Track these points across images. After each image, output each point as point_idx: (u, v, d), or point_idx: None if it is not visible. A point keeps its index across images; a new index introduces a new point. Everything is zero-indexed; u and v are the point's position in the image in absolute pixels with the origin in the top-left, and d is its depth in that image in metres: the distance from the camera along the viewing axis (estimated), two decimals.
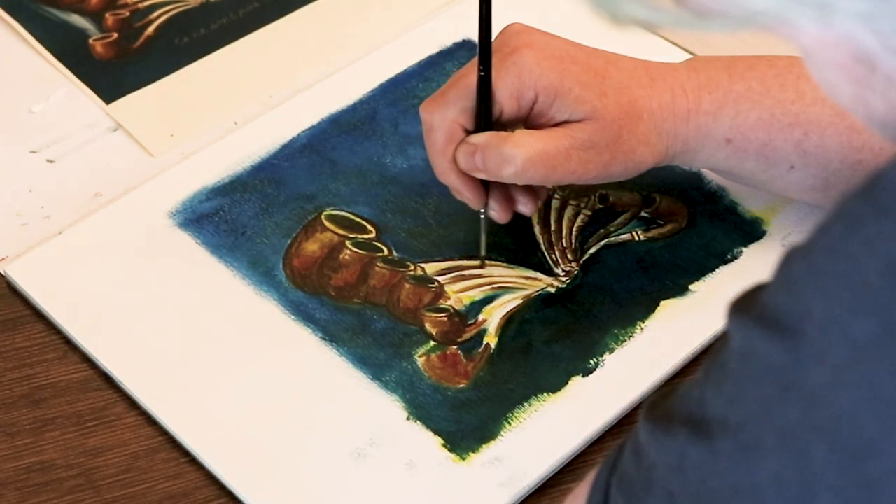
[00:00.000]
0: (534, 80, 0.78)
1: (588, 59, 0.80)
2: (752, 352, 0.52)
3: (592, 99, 0.78)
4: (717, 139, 0.80)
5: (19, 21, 1.00)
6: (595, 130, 0.78)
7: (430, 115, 0.79)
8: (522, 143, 0.78)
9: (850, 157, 0.79)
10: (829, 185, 0.81)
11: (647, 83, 0.80)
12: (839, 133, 0.79)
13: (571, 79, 0.78)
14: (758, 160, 0.81)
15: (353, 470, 0.75)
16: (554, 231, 0.86)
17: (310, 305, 0.82)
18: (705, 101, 0.80)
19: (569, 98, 0.78)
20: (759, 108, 0.80)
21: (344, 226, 0.86)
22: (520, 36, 0.80)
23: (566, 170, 0.78)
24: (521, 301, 0.82)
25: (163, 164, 0.91)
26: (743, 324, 0.52)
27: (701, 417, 0.54)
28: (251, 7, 1.02)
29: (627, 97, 0.79)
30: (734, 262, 0.84)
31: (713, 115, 0.80)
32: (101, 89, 0.96)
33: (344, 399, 0.78)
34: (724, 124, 0.80)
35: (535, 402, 0.78)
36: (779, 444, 0.51)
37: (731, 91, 0.80)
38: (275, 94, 0.95)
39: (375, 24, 1.00)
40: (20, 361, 0.81)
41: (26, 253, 0.85)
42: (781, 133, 0.80)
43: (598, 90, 0.78)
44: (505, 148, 0.77)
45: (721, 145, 0.80)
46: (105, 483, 0.76)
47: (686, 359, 0.80)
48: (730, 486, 0.52)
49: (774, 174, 0.81)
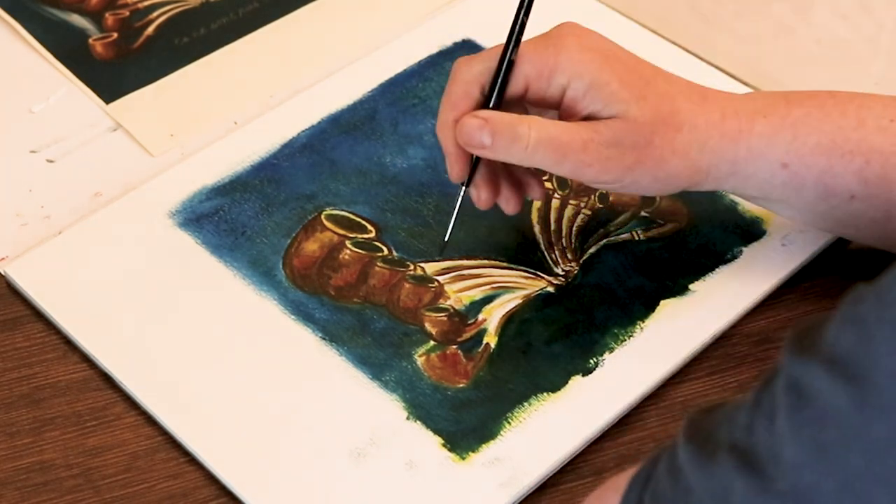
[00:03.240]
0: (571, 65, 0.76)
1: (637, 64, 0.78)
2: (815, 393, 0.51)
3: (628, 99, 0.76)
4: (773, 163, 0.78)
5: (19, 21, 1.00)
6: (623, 130, 0.76)
7: (459, 64, 0.78)
8: (537, 124, 0.75)
9: None
10: (891, 218, 0.78)
11: (696, 100, 0.78)
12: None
13: (611, 74, 0.76)
14: (816, 188, 0.78)
15: (353, 470, 0.75)
16: (554, 231, 0.86)
17: (310, 305, 0.82)
18: (759, 123, 0.78)
19: (604, 91, 0.76)
20: (819, 133, 0.77)
21: (344, 226, 0.87)
22: (572, 28, 0.78)
23: (579, 160, 0.76)
24: (520, 301, 0.82)
25: (163, 164, 0.91)
26: (805, 362, 0.51)
27: (750, 449, 0.53)
28: (251, 7, 1.02)
29: (670, 107, 0.77)
30: (734, 261, 0.84)
31: (768, 138, 0.77)
32: (101, 89, 0.96)
33: (344, 399, 0.78)
34: (780, 148, 0.77)
35: (534, 401, 0.78)
36: (839, 490, 0.50)
37: (788, 115, 0.78)
38: (275, 94, 0.96)
39: (375, 24, 1.00)
40: (20, 361, 0.81)
41: (26, 253, 0.86)
42: (842, 160, 0.77)
43: (638, 92, 0.76)
44: (518, 126, 0.75)
45: (777, 171, 0.78)
46: (105, 483, 0.76)
47: (686, 359, 0.80)
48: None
49: (834, 203, 0.78)
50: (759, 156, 0.78)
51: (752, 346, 0.81)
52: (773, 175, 0.78)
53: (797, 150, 0.77)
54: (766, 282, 0.83)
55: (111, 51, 0.99)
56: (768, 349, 0.81)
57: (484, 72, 0.77)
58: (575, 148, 0.75)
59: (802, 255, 0.85)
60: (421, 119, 0.93)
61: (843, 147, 0.77)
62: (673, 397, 0.79)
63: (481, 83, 0.78)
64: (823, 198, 0.78)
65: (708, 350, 0.81)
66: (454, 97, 0.78)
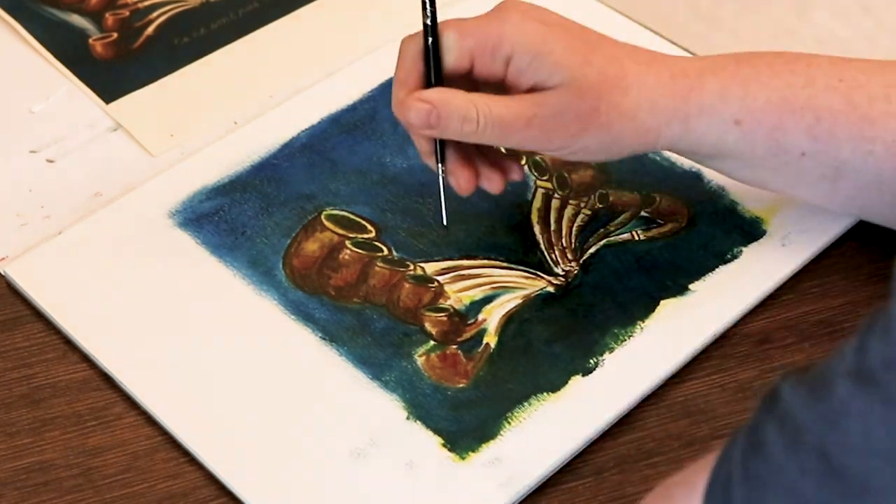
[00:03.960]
0: (514, 36, 0.76)
1: (580, 31, 0.78)
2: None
3: (573, 65, 0.76)
4: (726, 120, 0.78)
5: (19, 21, 1.00)
6: (567, 100, 0.76)
7: (404, 41, 0.79)
8: (483, 106, 0.76)
9: (862, 147, 0.78)
10: (840, 175, 0.79)
11: (644, 60, 0.79)
12: (851, 123, 0.78)
13: (554, 42, 0.76)
14: (768, 144, 0.79)
15: (353, 470, 0.75)
16: (554, 231, 0.86)
17: (309, 305, 0.82)
18: (710, 81, 0.78)
19: (548, 60, 0.76)
20: (769, 89, 0.78)
21: (344, 225, 0.86)
22: (516, 3, 0.78)
23: (525, 136, 0.77)
24: (520, 301, 0.82)
25: (163, 164, 0.91)
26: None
27: (865, 367, 0.52)
28: (251, 7, 1.02)
29: (617, 69, 0.77)
30: (734, 261, 0.84)
31: (719, 95, 0.78)
32: (101, 89, 0.96)
33: (344, 399, 0.78)
34: (732, 105, 0.78)
35: (534, 401, 0.78)
36: None
37: (738, 73, 0.79)
38: (275, 94, 0.96)
39: (375, 24, 1.00)
40: (20, 361, 0.81)
41: (26, 253, 0.86)
42: (793, 117, 0.78)
43: (582, 58, 0.77)
44: (467, 109, 0.76)
45: (730, 127, 0.79)
46: (105, 483, 0.76)
47: (686, 358, 0.80)
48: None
49: (786, 160, 0.79)
50: (713, 112, 0.78)
51: (752, 346, 0.81)
52: (726, 131, 0.79)
53: (748, 106, 0.78)
54: (766, 282, 0.83)
55: (111, 51, 0.99)
56: (768, 349, 0.81)
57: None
58: (519, 126, 0.76)
59: (802, 255, 0.85)
60: None
61: (793, 104, 0.78)
62: (673, 397, 0.79)
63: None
64: (774, 154, 0.79)
65: (708, 350, 0.81)
66: (403, 74, 0.79)
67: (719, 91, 0.78)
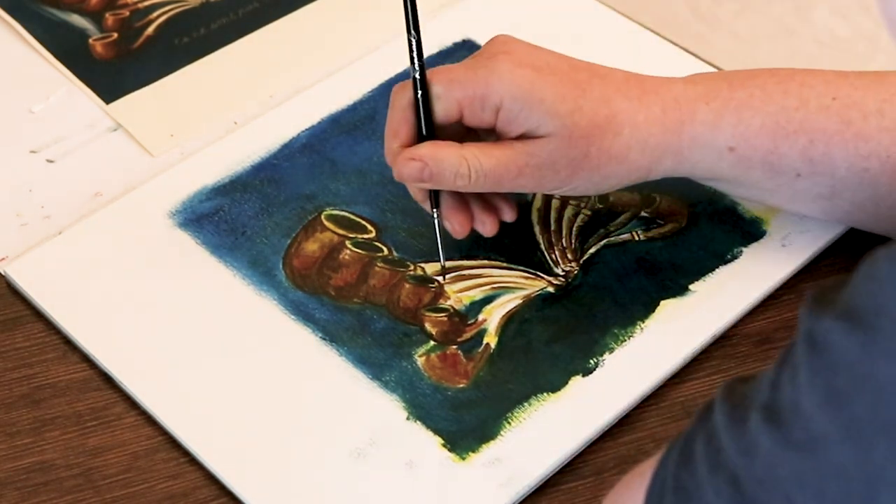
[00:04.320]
0: (503, 86, 0.77)
1: (570, 72, 0.78)
2: (828, 344, 0.52)
3: (563, 114, 0.77)
4: (719, 148, 0.79)
5: (19, 21, 1.00)
6: (558, 148, 0.77)
7: (394, 91, 0.80)
8: (474, 159, 0.77)
9: (857, 165, 0.79)
10: (836, 194, 0.80)
11: (636, 95, 0.79)
12: (845, 141, 0.78)
13: (545, 89, 0.77)
14: (763, 168, 0.80)
15: (353, 470, 0.75)
16: (554, 231, 0.86)
17: (310, 305, 0.82)
18: (702, 111, 0.79)
19: (538, 109, 0.77)
20: (762, 114, 0.79)
21: (344, 226, 0.87)
22: (504, 44, 0.79)
23: (516, 185, 0.78)
24: (521, 301, 0.82)
25: (163, 164, 0.91)
26: (820, 318, 0.53)
27: (774, 403, 0.54)
28: (251, 7, 1.02)
29: (607, 110, 0.78)
30: (734, 261, 0.84)
31: (711, 125, 0.79)
32: (101, 89, 0.96)
33: (344, 399, 0.78)
34: (725, 133, 0.79)
35: (535, 401, 0.78)
36: (843, 437, 0.51)
37: (731, 99, 0.79)
38: (275, 94, 0.96)
39: (375, 23, 1.00)
40: (20, 361, 0.81)
41: (26, 253, 0.85)
42: (787, 140, 0.79)
43: (573, 104, 0.77)
44: (459, 165, 0.77)
45: (724, 154, 0.79)
46: (105, 483, 0.76)
47: (686, 359, 0.80)
48: (796, 476, 0.53)
49: (781, 182, 0.80)
50: (705, 143, 0.79)
51: (752, 346, 0.81)
52: (721, 158, 0.80)
53: (742, 133, 0.79)
54: (766, 282, 0.83)
55: (111, 51, 0.99)
56: (768, 349, 0.81)
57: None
58: (511, 176, 0.77)
59: (802, 256, 0.85)
60: None
61: (786, 127, 0.79)
62: (673, 397, 0.79)
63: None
64: (770, 177, 0.80)
65: (708, 350, 0.81)
66: (394, 124, 0.80)
67: (712, 121, 0.79)
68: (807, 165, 0.79)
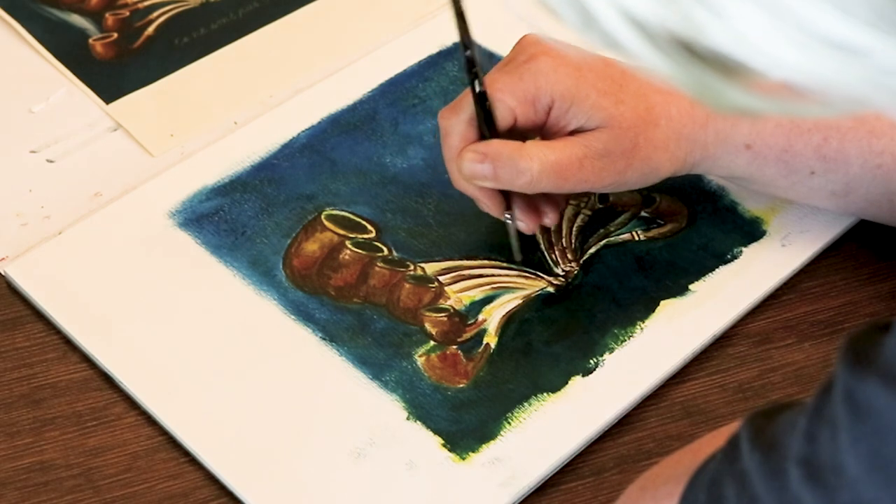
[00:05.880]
0: (550, 86, 0.78)
1: (605, 68, 0.80)
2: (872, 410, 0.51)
3: (609, 106, 0.78)
4: (737, 145, 0.80)
5: (19, 21, 1.00)
6: (610, 139, 0.78)
7: (446, 120, 0.79)
8: (535, 153, 0.77)
9: (871, 162, 0.79)
10: (850, 191, 0.81)
11: (665, 88, 0.79)
12: (859, 138, 0.79)
13: (588, 85, 0.78)
14: (778, 166, 0.80)
15: (353, 470, 0.75)
16: (554, 231, 0.86)
17: (310, 305, 0.82)
18: None
19: (585, 104, 0.78)
20: None
21: (344, 226, 0.86)
22: (536, 45, 0.80)
23: (579, 179, 0.78)
24: (521, 301, 0.82)
25: (163, 164, 0.91)
26: (862, 378, 0.51)
27: (814, 460, 0.53)
28: (251, 7, 1.02)
29: (645, 104, 0.79)
30: (734, 262, 0.84)
31: (731, 122, 0.80)
32: (101, 89, 0.96)
33: (344, 399, 0.78)
34: (742, 130, 0.80)
35: (535, 402, 0.78)
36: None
37: None
38: (275, 94, 0.96)
39: (375, 24, 1.00)
40: (20, 361, 0.81)
41: (26, 253, 0.85)
42: (801, 138, 0.79)
43: (614, 97, 0.78)
44: (518, 159, 0.77)
45: (741, 151, 0.80)
46: (105, 483, 0.76)
47: (686, 359, 0.80)
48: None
49: (795, 180, 0.81)
50: (725, 139, 0.80)
51: (752, 346, 0.81)
52: (738, 156, 0.81)
53: (759, 131, 0.80)
54: (766, 282, 0.83)
55: (111, 51, 0.99)
56: (768, 349, 0.81)
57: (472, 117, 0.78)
58: (573, 168, 0.78)
59: (802, 256, 0.85)
60: (421, 119, 0.93)
61: (801, 125, 0.79)
62: (673, 397, 0.79)
63: (474, 128, 0.78)
64: (784, 175, 0.81)
65: (708, 350, 0.81)
66: (454, 151, 0.79)
67: (732, 118, 0.79)
68: (821, 163, 0.80)
